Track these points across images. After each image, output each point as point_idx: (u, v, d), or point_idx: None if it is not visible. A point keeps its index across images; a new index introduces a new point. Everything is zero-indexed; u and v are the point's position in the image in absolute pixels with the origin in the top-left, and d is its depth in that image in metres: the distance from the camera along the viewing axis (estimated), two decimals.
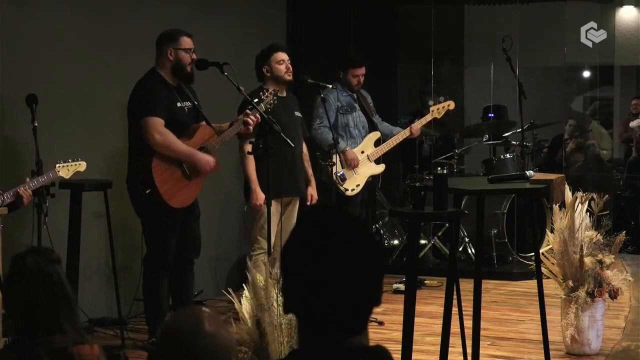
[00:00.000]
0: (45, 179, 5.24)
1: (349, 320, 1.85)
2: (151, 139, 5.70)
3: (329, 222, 1.89)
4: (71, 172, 5.42)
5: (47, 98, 5.90)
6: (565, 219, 5.76)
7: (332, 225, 1.88)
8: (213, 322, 2.32)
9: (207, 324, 2.30)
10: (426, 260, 8.44)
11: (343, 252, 1.84)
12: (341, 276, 1.83)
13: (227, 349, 2.32)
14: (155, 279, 5.95)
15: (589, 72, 10.45)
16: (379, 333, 6.35)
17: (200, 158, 5.82)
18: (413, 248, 4.98)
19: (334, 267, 1.83)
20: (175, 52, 5.84)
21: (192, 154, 5.81)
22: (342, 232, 1.87)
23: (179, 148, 5.76)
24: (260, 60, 6.53)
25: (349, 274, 1.84)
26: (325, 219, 1.89)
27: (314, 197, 6.73)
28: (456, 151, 8.80)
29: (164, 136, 5.71)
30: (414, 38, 9.83)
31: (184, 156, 5.78)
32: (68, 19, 6.38)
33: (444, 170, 4.86)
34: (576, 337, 5.75)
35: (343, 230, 1.87)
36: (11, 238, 5.56)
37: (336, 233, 1.86)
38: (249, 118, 5.85)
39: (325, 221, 1.89)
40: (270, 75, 6.46)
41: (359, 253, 1.86)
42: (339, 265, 1.83)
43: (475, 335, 4.90)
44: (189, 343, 2.29)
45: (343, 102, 7.46)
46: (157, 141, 5.70)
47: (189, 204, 5.88)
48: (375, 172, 7.59)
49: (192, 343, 2.28)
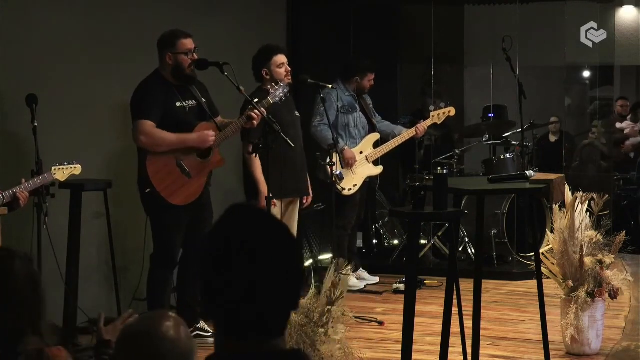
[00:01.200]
0: (40, 180, 5.24)
1: (269, 325, 1.86)
2: (138, 142, 5.79)
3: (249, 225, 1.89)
4: (67, 175, 5.42)
5: (47, 98, 5.90)
6: (565, 219, 5.76)
7: (254, 229, 1.88)
8: (173, 327, 2.30)
9: (165, 329, 2.28)
10: (426, 260, 8.44)
11: (266, 256, 1.85)
12: (264, 281, 1.84)
13: (185, 355, 2.30)
14: (159, 276, 5.95)
15: (589, 72, 10.45)
16: (379, 333, 6.35)
17: (192, 138, 5.82)
18: (413, 248, 4.98)
19: (256, 272, 1.84)
20: (174, 56, 5.86)
21: (184, 139, 5.81)
22: (263, 235, 1.88)
23: (168, 140, 5.76)
24: (259, 62, 6.52)
25: (273, 279, 1.84)
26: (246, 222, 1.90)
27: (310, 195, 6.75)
28: (456, 151, 8.81)
29: (150, 136, 5.74)
30: (414, 38, 9.83)
31: (176, 145, 5.79)
32: (68, 19, 6.38)
33: (444, 170, 4.86)
34: (576, 337, 5.75)
35: (264, 233, 1.88)
36: (11, 238, 5.55)
37: (257, 238, 1.87)
38: (252, 112, 5.84)
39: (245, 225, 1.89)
40: (269, 78, 6.45)
41: (280, 258, 1.86)
42: (260, 271, 1.84)
43: (475, 335, 4.90)
44: (145, 345, 2.28)
45: (345, 101, 7.47)
46: (144, 143, 5.76)
47: (192, 201, 5.88)
48: (372, 173, 7.60)
49: (148, 346, 2.27)
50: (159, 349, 2.26)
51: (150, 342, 2.27)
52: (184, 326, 2.35)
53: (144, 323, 2.37)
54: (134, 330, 2.35)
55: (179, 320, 2.35)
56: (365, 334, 6.25)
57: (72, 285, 5.95)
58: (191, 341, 2.35)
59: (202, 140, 5.84)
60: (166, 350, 2.27)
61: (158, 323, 2.30)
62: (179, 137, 5.80)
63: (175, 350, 2.28)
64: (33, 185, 5.20)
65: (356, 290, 7.52)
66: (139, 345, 2.29)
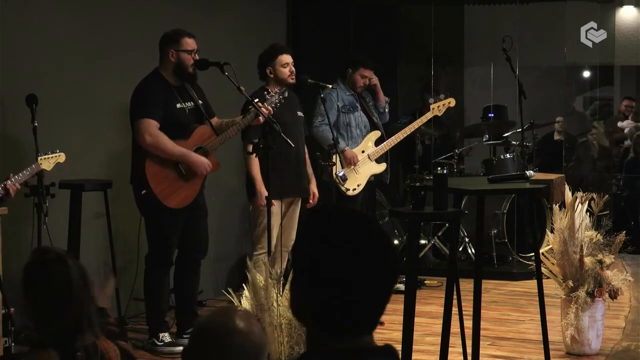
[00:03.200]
0: (29, 171, 5.26)
1: (366, 321, 1.85)
2: (142, 141, 5.72)
3: (347, 223, 1.86)
4: (52, 164, 5.41)
5: (47, 98, 5.90)
6: (565, 219, 5.76)
7: (353, 226, 1.86)
8: (245, 320, 2.35)
9: (238, 322, 2.33)
10: (426, 260, 8.44)
11: (367, 253, 1.83)
12: (364, 277, 1.81)
13: (258, 348, 2.34)
14: (156, 278, 5.95)
15: (589, 72, 10.45)
16: (379, 333, 6.32)
17: (194, 160, 5.80)
18: (413, 248, 4.98)
19: (357, 267, 1.81)
20: (176, 53, 5.84)
21: (185, 156, 5.79)
22: (363, 233, 1.85)
23: (171, 150, 5.74)
24: (264, 61, 6.51)
25: (370, 275, 1.82)
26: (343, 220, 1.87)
27: (316, 195, 6.74)
28: (456, 151, 8.80)
29: (155, 138, 5.71)
30: (414, 38, 9.83)
31: (176, 158, 5.77)
32: (68, 19, 6.38)
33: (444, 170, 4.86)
34: (576, 337, 5.75)
35: (363, 230, 1.86)
36: (11, 238, 5.56)
37: (358, 234, 1.85)
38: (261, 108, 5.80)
39: (344, 222, 1.87)
40: (273, 77, 6.45)
41: (379, 253, 1.85)
42: (361, 266, 1.81)
43: (475, 335, 4.90)
44: (219, 340, 2.32)
45: (346, 101, 7.46)
46: (148, 143, 5.71)
47: (187, 204, 5.87)
48: (376, 171, 7.58)
49: (222, 340, 2.31)
50: (234, 342, 2.31)
51: (226, 334, 2.31)
52: (256, 320, 2.40)
53: (218, 317, 2.41)
54: (208, 323, 2.39)
55: (251, 314, 2.42)
56: None
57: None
58: (263, 335, 2.40)
59: (200, 165, 5.80)
60: (239, 344, 2.31)
61: (231, 317, 2.35)
62: (181, 151, 5.77)
63: (248, 344, 2.32)
64: (22, 177, 5.21)
65: None
66: (214, 337, 2.33)
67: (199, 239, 6.07)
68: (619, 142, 10.58)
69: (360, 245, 1.83)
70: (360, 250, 1.82)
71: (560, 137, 10.32)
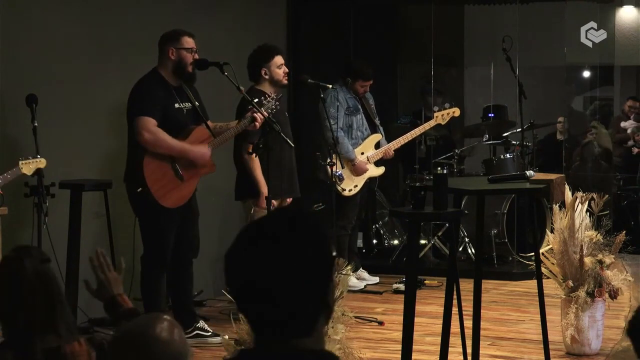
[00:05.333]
0: (9, 175, 5.27)
1: (294, 323, 1.86)
2: (141, 138, 5.70)
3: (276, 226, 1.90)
4: (33, 169, 5.41)
5: (47, 98, 5.90)
6: (565, 219, 5.76)
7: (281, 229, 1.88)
8: (167, 329, 2.32)
9: (159, 330, 2.30)
10: (426, 260, 8.44)
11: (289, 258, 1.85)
12: (286, 281, 1.84)
13: (179, 357, 2.32)
14: (153, 278, 5.94)
15: (589, 72, 10.45)
16: (379, 333, 6.35)
17: (194, 152, 5.80)
18: (413, 248, 4.98)
19: (279, 272, 1.84)
20: (177, 51, 5.83)
21: (185, 150, 5.79)
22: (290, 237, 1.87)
23: (170, 144, 5.74)
24: (257, 61, 6.50)
25: (293, 279, 1.84)
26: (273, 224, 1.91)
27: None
28: (456, 151, 8.81)
29: (154, 135, 5.70)
30: (414, 38, 9.83)
31: (177, 152, 5.77)
32: (68, 19, 6.38)
33: (444, 170, 4.86)
34: (576, 337, 5.75)
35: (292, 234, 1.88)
36: (11, 238, 5.55)
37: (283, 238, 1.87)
38: (257, 114, 5.82)
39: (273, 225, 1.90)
40: (268, 78, 6.45)
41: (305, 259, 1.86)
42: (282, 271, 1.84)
43: (475, 335, 4.90)
44: (139, 348, 2.29)
45: (349, 102, 7.49)
46: (146, 140, 5.69)
47: (181, 205, 5.86)
48: (374, 174, 7.59)
49: (142, 348, 2.29)
50: (152, 350, 2.28)
51: (144, 343, 2.29)
52: (179, 329, 2.36)
53: (139, 324, 2.39)
54: (128, 331, 2.37)
55: (174, 322, 2.37)
56: (365, 334, 6.26)
57: (72, 285, 5.94)
58: (185, 344, 2.36)
59: (200, 157, 5.82)
60: (159, 352, 2.28)
61: (152, 324, 2.32)
62: (182, 145, 5.77)
63: (168, 352, 2.29)
64: (3, 181, 5.23)
65: (356, 290, 7.52)
66: (132, 346, 2.31)
67: (192, 240, 6.08)
68: (622, 142, 10.57)
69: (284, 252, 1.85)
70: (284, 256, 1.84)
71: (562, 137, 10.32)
